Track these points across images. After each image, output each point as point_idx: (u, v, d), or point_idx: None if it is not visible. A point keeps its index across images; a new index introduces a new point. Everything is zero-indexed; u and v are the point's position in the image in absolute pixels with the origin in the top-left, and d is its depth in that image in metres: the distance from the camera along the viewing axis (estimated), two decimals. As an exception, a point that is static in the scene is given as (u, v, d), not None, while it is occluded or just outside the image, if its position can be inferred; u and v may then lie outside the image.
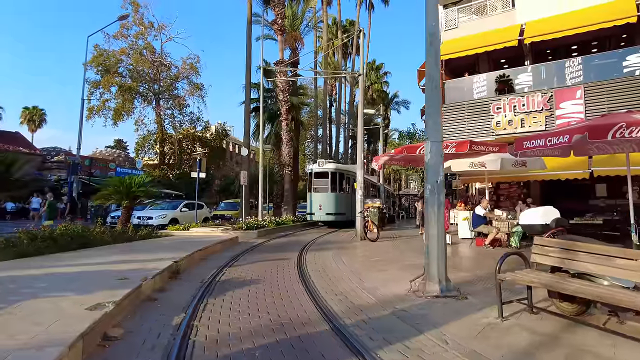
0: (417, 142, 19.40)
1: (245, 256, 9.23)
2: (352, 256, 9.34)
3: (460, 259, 8.75)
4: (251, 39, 21.32)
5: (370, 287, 5.84)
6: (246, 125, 20.87)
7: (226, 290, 5.61)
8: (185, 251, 8.15)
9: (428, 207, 5.45)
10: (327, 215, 19.25)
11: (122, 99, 34.55)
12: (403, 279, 6.32)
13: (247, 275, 6.75)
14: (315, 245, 11.61)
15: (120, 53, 35.69)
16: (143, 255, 7.50)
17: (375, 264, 7.99)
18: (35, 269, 5.71)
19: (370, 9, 37.02)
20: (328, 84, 34.88)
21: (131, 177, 11.40)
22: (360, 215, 12.97)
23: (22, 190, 20.41)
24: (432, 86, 5.61)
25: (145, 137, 37.54)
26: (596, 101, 11.91)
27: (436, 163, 5.49)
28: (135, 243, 9.93)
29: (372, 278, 6.51)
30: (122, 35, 34.97)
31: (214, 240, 10.70)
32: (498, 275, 4.20)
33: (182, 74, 40.20)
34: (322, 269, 7.49)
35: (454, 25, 15.37)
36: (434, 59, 5.64)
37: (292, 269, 7.45)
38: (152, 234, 11.28)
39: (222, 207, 25.90)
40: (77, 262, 6.45)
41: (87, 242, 8.64)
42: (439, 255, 5.33)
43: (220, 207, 26.25)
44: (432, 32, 5.65)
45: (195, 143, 43.38)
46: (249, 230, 14.36)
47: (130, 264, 6.38)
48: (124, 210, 11.29)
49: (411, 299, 5.13)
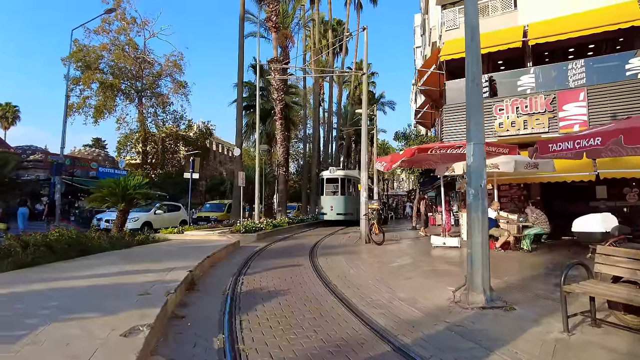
0: (412, 143, 19.25)
1: (255, 263, 8.76)
2: (367, 262, 9.01)
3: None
4: (244, 36, 20.75)
5: (406, 297, 5.51)
6: (238, 124, 20.27)
7: (254, 303, 5.17)
8: (193, 259, 7.64)
9: (471, 212, 5.16)
10: (337, 215, 21.64)
11: (103, 96, 33.19)
12: (434, 288, 6.06)
13: (268, 285, 6.31)
14: (321, 249, 11.23)
15: (101, 49, 34.31)
16: (150, 264, 6.96)
17: (397, 271, 7.68)
18: (39, 283, 5.13)
19: (359, 8, 36.84)
20: (315, 84, 34.46)
21: (127, 179, 10.75)
22: (365, 218, 12.66)
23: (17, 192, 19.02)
24: (473, 85, 5.34)
25: (128, 135, 36.22)
26: (599, 104, 11.97)
27: (479, 166, 5.22)
28: (134, 249, 9.31)
29: (402, 287, 6.18)
30: (103, 30, 33.60)
31: (217, 246, 10.17)
32: (564, 286, 3.93)
33: (165, 71, 39.07)
34: (343, 276, 7.12)
35: (455, 25, 15.25)
36: (475, 56, 5.37)
37: (311, 277, 7.06)
38: (148, 239, 10.64)
39: (207, 209, 25.15)
40: (83, 274, 5.87)
41: (86, 249, 8.02)
42: (483, 264, 5.05)
43: (205, 209, 25.39)
44: (473, 26, 5.39)
45: (179, 142, 42.34)
46: (247, 233, 13.83)
47: (143, 275, 5.85)
48: (120, 213, 10.63)
49: (457, 310, 4.83)
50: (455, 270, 7.58)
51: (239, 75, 20.35)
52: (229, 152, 63.91)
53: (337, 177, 22.52)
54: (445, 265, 8.22)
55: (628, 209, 13.03)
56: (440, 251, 10.49)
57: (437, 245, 11.24)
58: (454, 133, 14.34)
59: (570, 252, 9.82)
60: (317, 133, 31.62)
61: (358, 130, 42.15)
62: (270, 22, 19.32)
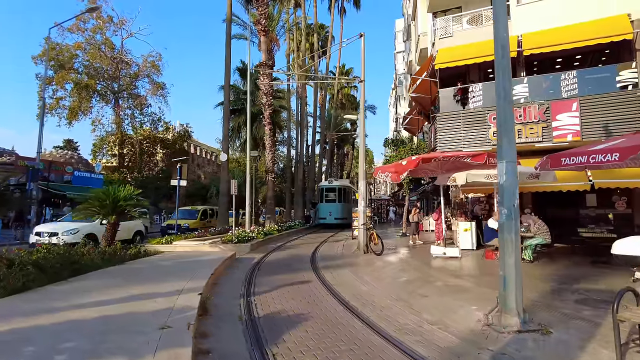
0: (403, 150, 19.25)
1: (259, 279, 8.37)
2: (374, 276, 8.76)
3: (488, 276, 8.45)
4: (231, 38, 20.23)
5: (433, 320, 5.32)
6: (225, 128, 19.72)
7: (279, 332, 4.84)
8: (197, 277, 7.22)
9: (504, 233, 5.02)
10: (335, 220, 25.64)
11: (78, 97, 31.76)
12: (457, 308, 5.91)
13: (285, 308, 5.97)
14: (321, 261, 10.94)
15: (75, 47, 32.89)
16: (154, 286, 6.49)
17: (408, 287, 7.49)
18: (42, 316, 4.62)
19: (342, 13, 36.80)
20: (299, 88, 34.18)
21: (117, 189, 10.12)
22: (363, 228, 12.45)
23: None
24: (505, 103, 5.23)
25: (103, 138, 34.81)
26: (592, 113, 12.22)
27: (512, 184, 5.09)
28: (129, 266, 8.74)
29: (424, 306, 5.99)
30: (78, 29, 32.21)
31: (214, 260, 9.73)
32: (617, 315, 3.81)
33: (143, 72, 37.87)
34: (357, 294, 6.87)
35: (449, 33, 15.33)
36: (506, 73, 5.24)
37: (325, 296, 6.78)
38: (140, 253, 10.05)
39: (179, 216, 20.30)
40: (87, 301, 5.36)
41: (78, 267, 7.44)
42: (516, 286, 4.92)
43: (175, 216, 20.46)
44: (504, 44, 5.26)
45: (157, 145, 41.14)
46: (240, 243, 13.37)
47: (152, 301, 5.41)
48: (110, 226, 9.99)
49: (493, 335, 4.67)
50: (467, 286, 7.48)
51: (225, 78, 19.81)
52: (207, 155, 62.66)
53: (335, 187, 26.72)
54: (455, 279, 8.09)
55: (613, 216, 13.44)
56: (442, 262, 10.41)
57: (438, 255, 11.17)
58: (447, 141, 14.37)
59: (571, 262, 9.96)
60: (304, 137, 31.39)
61: (341, 135, 42.18)
62: (260, 25, 18.89)
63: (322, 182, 29.86)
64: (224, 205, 19.58)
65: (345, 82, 43.46)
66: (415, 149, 18.82)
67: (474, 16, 15.06)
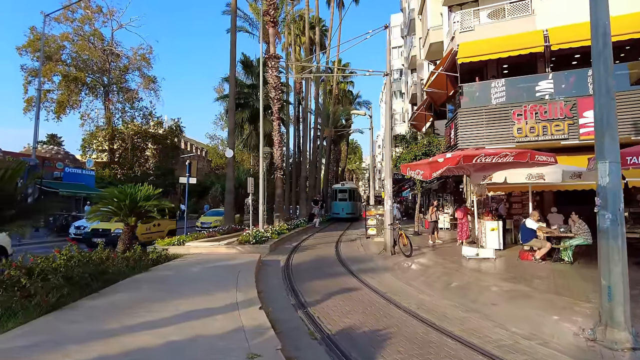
0: (414, 147, 18.83)
1: (299, 286, 7.78)
2: (421, 281, 8.23)
3: (540, 280, 8.06)
4: (236, 28, 19.43)
5: (524, 333, 4.89)
6: (230, 123, 18.94)
7: (370, 354, 4.31)
8: (244, 287, 6.63)
9: (609, 240, 4.59)
10: (347, 214, 32.54)
11: (66, 90, 30.28)
12: (538, 318, 5.57)
13: (354, 323, 5.41)
14: (351, 264, 10.40)
15: (62, 38, 31.33)
16: (200, 298, 5.86)
17: (467, 293, 7.03)
18: (96, 342, 3.95)
19: (340, 6, 36.12)
20: (298, 83, 33.45)
21: (135, 188, 9.35)
22: (390, 228, 11.95)
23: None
24: (607, 98, 4.76)
25: (93, 133, 33.37)
26: (620, 111, 11.93)
27: (616, 186, 4.66)
28: (157, 273, 8.03)
29: (502, 317, 5.54)
30: (66, 19, 30.68)
31: (244, 264, 9.12)
32: None
33: (134, 65, 36.51)
34: (420, 303, 6.38)
35: (470, 27, 14.90)
36: (607, 66, 4.78)
37: (387, 305, 6.27)
38: (161, 258, 9.33)
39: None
40: (136, 321, 4.69)
41: (109, 277, 6.72)
42: (625, 298, 4.51)
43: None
44: (605, 32, 4.80)
45: (148, 140, 39.87)
46: (258, 244, 12.73)
47: (211, 319, 4.82)
48: (127, 229, 9.22)
49: (607, 354, 4.27)
50: (526, 291, 7.10)
51: (230, 71, 19.01)
52: (197, 151, 61.40)
53: (346, 188, 34.49)
54: (507, 284, 7.69)
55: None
56: (478, 264, 10.02)
57: (470, 256, 10.77)
58: (468, 137, 14.01)
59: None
60: (306, 133, 30.82)
61: (338, 131, 41.64)
62: (268, 16, 18.11)
63: (335, 184, 38.03)
64: (230, 203, 18.82)
65: (342, 77, 42.83)
66: (427, 145, 18.42)
67: (495, 10, 14.66)
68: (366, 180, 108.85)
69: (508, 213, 14.95)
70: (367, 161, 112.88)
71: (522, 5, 14.20)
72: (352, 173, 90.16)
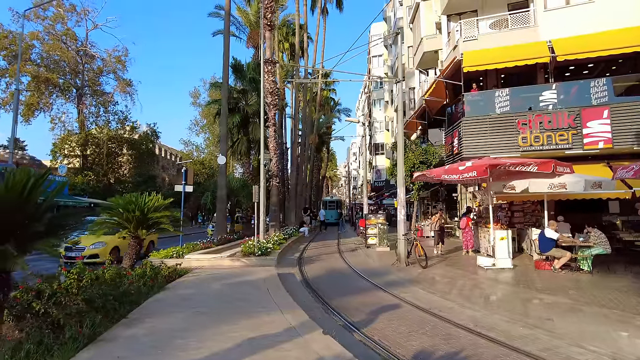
0: (411, 155, 18.76)
1: (334, 302, 7.31)
2: (457, 294, 7.85)
3: (576, 291, 7.96)
4: (229, 32, 18.80)
5: (608, 353, 4.66)
6: (222, 129, 18.17)
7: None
8: (286, 307, 6.12)
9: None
10: (335, 220, 39.97)
11: (36, 91, 28.37)
12: (604, 333, 5.33)
13: (424, 345, 5.00)
14: (371, 276, 9.95)
15: (31, 37, 29.41)
16: (246, 321, 5.30)
17: (513, 307, 6.77)
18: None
19: (325, 13, 36.03)
20: (280, 89, 32.96)
21: (142, 198, 8.58)
22: (404, 239, 11.64)
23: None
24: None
25: (64, 137, 31.42)
26: (624, 121, 12.32)
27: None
28: (176, 292, 7.30)
29: (567, 334, 5.30)
30: (36, 16, 28.84)
31: (265, 279, 8.54)
32: None
33: (108, 67, 34.86)
34: (476, 320, 6.03)
35: (472, 36, 15.03)
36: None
37: (445, 326, 5.89)
38: (172, 275, 8.57)
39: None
40: (196, 356, 4.09)
41: (133, 300, 6.00)
42: None
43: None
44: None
45: (123, 145, 38.14)
46: (263, 256, 12.08)
47: (275, 350, 4.29)
48: (135, 242, 8.43)
49: None
50: (569, 303, 6.97)
51: (224, 75, 18.29)
52: (172, 157, 59.49)
53: (334, 200, 46.89)
54: (546, 296, 7.54)
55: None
56: (498, 274, 9.91)
57: (488, 267, 10.65)
58: (473, 146, 14.03)
59: (631, 271, 9.73)
60: (296, 140, 30.33)
61: (322, 138, 41.38)
62: (265, 19, 17.59)
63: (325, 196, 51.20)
64: (222, 212, 18.06)
65: (324, 84, 42.65)
66: (424, 153, 18.44)
67: (498, 20, 14.87)
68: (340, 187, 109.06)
69: (510, 222, 15.03)
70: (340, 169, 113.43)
71: (524, 16, 14.47)
72: (329, 180, 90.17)
